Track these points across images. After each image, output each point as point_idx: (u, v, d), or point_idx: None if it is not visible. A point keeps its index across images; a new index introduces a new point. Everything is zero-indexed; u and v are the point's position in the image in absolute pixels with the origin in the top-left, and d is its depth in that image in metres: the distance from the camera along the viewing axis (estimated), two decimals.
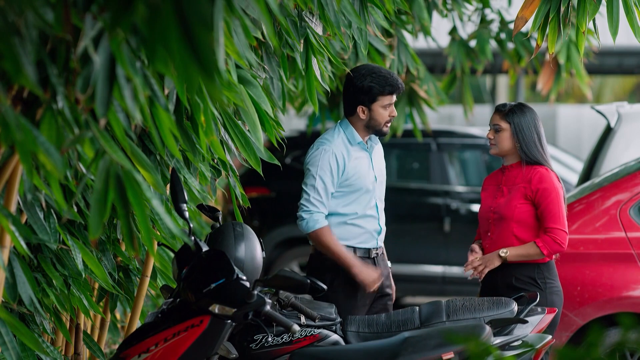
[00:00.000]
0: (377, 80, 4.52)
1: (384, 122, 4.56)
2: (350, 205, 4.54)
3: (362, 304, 4.55)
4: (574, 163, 10.23)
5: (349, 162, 4.53)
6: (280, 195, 9.39)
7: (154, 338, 3.79)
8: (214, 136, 3.61)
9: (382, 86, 4.52)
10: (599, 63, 11.60)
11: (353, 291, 4.51)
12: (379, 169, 4.67)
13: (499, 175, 4.65)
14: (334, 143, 4.55)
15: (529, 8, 4.40)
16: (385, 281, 4.63)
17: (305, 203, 4.50)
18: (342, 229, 4.54)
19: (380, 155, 4.73)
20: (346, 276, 4.50)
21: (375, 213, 4.59)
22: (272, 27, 2.81)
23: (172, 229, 2.74)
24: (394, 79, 4.54)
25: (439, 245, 9.06)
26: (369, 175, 4.58)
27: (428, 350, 3.95)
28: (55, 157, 2.66)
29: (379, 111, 4.54)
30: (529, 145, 4.52)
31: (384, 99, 4.53)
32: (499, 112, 4.58)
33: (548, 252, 4.46)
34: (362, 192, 4.55)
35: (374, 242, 4.59)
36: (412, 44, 7.43)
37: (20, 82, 2.58)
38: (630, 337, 2.30)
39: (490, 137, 4.60)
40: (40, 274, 3.91)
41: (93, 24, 2.60)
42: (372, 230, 4.58)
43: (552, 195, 4.48)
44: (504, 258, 4.47)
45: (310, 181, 4.50)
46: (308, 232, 4.49)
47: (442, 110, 15.02)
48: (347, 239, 4.54)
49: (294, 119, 14.49)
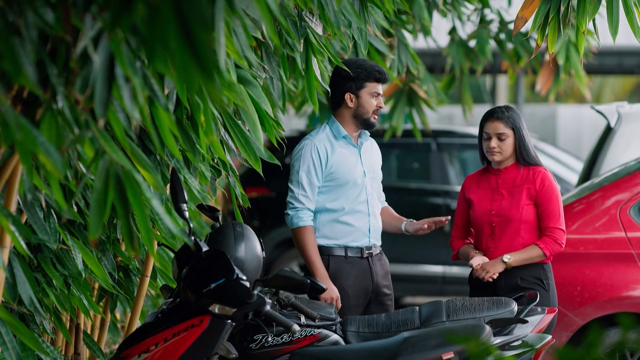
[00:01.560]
0: (363, 67, 4.57)
1: (371, 110, 4.57)
2: (338, 200, 4.55)
3: (355, 303, 4.54)
4: (574, 163, 10.23)
5: (332, 155, 4.54)
6: (280, 195, 9.32)
7: (154, 338, 3.79)
8: (214, 136, 3.61)
9: (369, 72, 4.56)
10: (598, 63, 11.61)
11: (344, 292, 4.51)
12: (370, 164, 4.65)
13: (490, 178, 4.60)
14: (317, 137, 4.59)
15: (529, 8, 4.40)
16: (382, 281, 4.62)
17: (291, 200, 4.53)
18: (331, 228, 4.55)
19: (373, 152, 4.72)
20: (335, 278, 4.51)
21: (365, 209, 4.58)
22: (273, 27, 2.81)
23: (172, 229, 2.74)
24: (380, 68, 4.59)
25: (439, 245, 9.05)
26: (356, 169, 4.57)
27: (428, 350, 3.95)
28: (55, 157, 2.66)
29: (366, 98, 4.56)
30: (527, 147, 4.53)
31: (371, 86, 4.55)
32: (500, 120, 4.50)
33: (550, 253, 4.47)
34: (350, 186, 4.55)
35: (366, 240, 4.58)
36: (412, 44, 7.42)
37: (20, 82, 2.58)
38: (630, 337, 2.31)
39: (493, 145, 4.50)
40: (40, 274, 3.91)
41: (93, 24, 2.60)
42: (362, 228, 4.57)
43: (554, 195, 4.51)
44: (508, 264, 4.46)
45: (294, 177, 4.54)
46: (291, 229, 4.52)
47: (442, 110, 15.02)
48: (337, 238, 4.55)
49: (294, 119, 14.48)
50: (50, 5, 2.70)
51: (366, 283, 4.58)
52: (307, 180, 4.52)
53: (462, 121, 15.54)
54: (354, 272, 4.56)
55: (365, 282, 4.58)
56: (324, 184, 4.54)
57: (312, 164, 4.52)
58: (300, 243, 4.51)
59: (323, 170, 4.53)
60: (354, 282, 4.55)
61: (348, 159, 4.57)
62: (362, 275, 4.57)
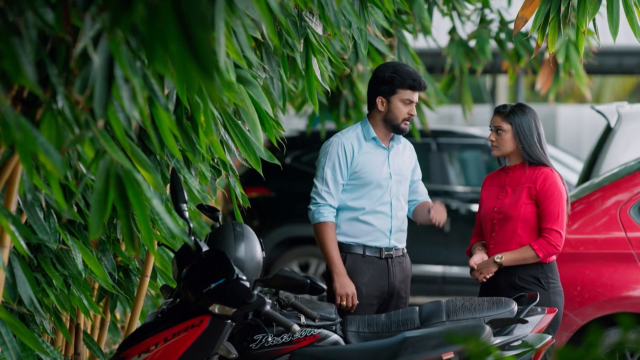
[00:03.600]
0: (400, 73, 4.53)
1: (401, 117, 4.54)
2: (360, 200, 4.54)
3: (369, 303, 4.54)
4: (574, 163, 10.23)
5: (359, 154, 4.54)
6: (280, 195, 9.38)
7: (154, 338, 3.79)
8: (214, 136, 3.61)
9: (404, 79, 4.52)
10: (598, 63, 11.60)
11: (357, 290, 4.51)
12: (399, 167, 4.62)
13: (501, 176, 4.64)
14: (346, 135, 4.58)
15: (529, 8, 4.40)
16: (400, 284, 4.62)
17: (314, 195, 4.54)
18: (351, 226, 4.55)
19: (405, 155, 4.69)
20: (351, 275, 4.51)
21: (388, 210, 4.57)
22: (273, 27, 2.81)
23: (172, 228, 2.74)
24: (417, 75, 4.53)
25: (439, 245, 9.06)
26: (382, 170, 4.57)
27: (428, 350, 3.95)
28: (55, 157, 2.66)
29: (397, 105, 4.53)
30: (531, 145, 4.52)
31: (404, 93, 4.52)
32: (500, 114, 4.57)
33: (544, 255, 4.46)
34: (373, 187, 4.54)
35: (386, 241, 4.57)
36: (412, 44, 7.42)
37: (20, 82, 2.58)
38: (630, 337, 2.31)
39: (492, 139, 4.58)
40: (40, 274, 3.91)
41: (92, 24, 2.60)
42: (383, 228, 4.56)
43: (554, 195, 4.48)
44: (499, 264, 4.48)
45: (319, 173, 4.55)
46: (312, 224, 4.52)
47: (442, 110, 15.02)
48: (357, 237, 4.55)
49: (294, 119, 14.48)
50: (50, 5, 2.71)
51: (382, 284, 4.58)
52: (331, 176, 4.52)
53: (462, 121, 15.55)
54: (370, 271, 4.56)
55: (382, 283, 4.58)
56: (348, 182, 4.55)
57: (337, 161, 4.53)
58: (320, 238, 4.51)
59: (348, 168, 4.53)
60: (369, 281, 4.55)
61: (374, 160, 4.56)
62: (379, 276, 4.57)
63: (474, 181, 9.42)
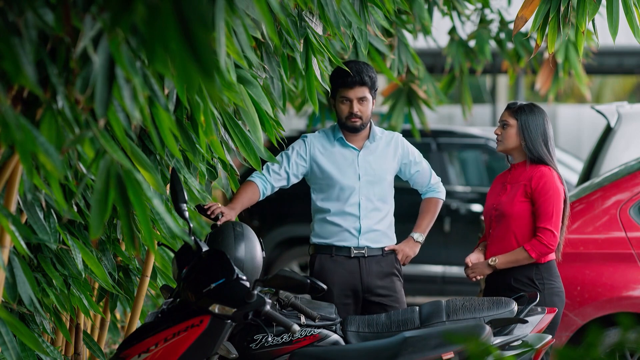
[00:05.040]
0: (334, 73, 4.59)
1: (343, 116, 4.58)
2: (328, 201, 4.58)
3: (341, 302, 4.52)
4: (574, 163, 10.23)
5: (323, 155, 4.58)
6: (280, 195, 9.35)
7: (154, 338, 3.79)
8: (214, 136, 3.61)
9: (335, 78, 4.59)
10: (598, 63, 11.60)
11: (328, 290, 4.43)
12: (370, 168, 4.60)
13: (506, 174, 4.67)
14: (316, 134, 4.66)
15: (529, 8, 4.40)
16: (377, 282, 4.58)
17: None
18: (322, 227, 4.61)
19: (388, 154, 4.66)
20: (318, 275, 4.53)
21: (356, 211, 4.57)
22: (273, 27, 2.81)
23: (172, 228, 2.74)
24: (344, 73, 4.50)
25: (439, 245, 9.06)
26: (347, 171, 4.57)
27: (428, 350, 3.95)
28: (55, 157, 2.66)
29: (338, 104, 4.60)
30: (534, 143, 4.52)
31: (340, 92, 4.57)
32: (509, 109, 4.59)
33: (537, 255, 4.45)
34: (339, 189, 4.56)
35: (355, 241, 4.58)
36: (412, 43, 7.42)
37: (20, 82, 2.58)
38: (630, 337, 2.31)
39: (497, 133, 4.60)
40: (40, 274, 3.91)
41: (92, 24, 2.60)
42: (350, 228, 4.57)
43: (549, 194, 4.47)
44: (493, 267, 4.48)
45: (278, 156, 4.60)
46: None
47: (442, 110, 15.03)
48: (326, 237, 4.58)
49: (294, 119, 14.49)
50: (50, 5, 2.71)
51: (354, 283, 4.57)
52: (280, 158, 4.57)
53: (462, 121, 15.54)
54: (339, 271, 4.56)
55: (353, 282, 4.57)
56: (317, 182, 4.59)
57: (292, 150, 4.60)
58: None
59: (297, 161, 4.57)
60: (339, 281, 4.55)
61: (340, 161, 4.58)
62: (349, 275, 4.57)
63: (474, 181, 9.41)
